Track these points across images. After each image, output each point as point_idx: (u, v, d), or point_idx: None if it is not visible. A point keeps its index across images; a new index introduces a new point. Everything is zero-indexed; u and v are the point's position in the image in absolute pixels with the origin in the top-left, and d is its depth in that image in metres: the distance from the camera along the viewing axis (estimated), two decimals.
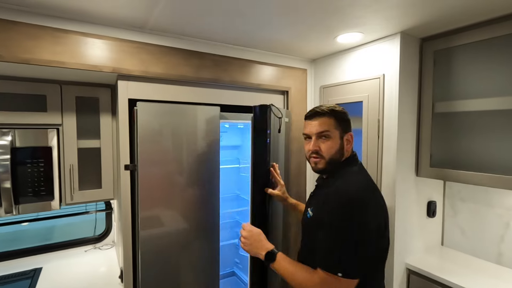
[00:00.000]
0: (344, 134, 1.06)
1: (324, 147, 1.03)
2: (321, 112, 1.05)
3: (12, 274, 1.59)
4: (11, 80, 1.37)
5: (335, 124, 1.04)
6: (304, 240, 1.12)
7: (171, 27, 1.40)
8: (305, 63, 1.98)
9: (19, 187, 1.39)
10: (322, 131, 1.04)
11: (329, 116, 1.05)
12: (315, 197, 1.11)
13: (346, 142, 1.06)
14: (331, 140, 1.04)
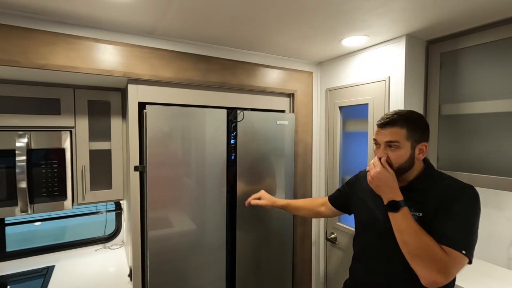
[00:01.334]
0: (417, 144, 1.04)
1: (392, 156, 1.04)
2: (391, 121, 1.04)
3: (26, 271, 1.65)
4: (27, 85, 1.43)
5: (406, 135, 1.02)
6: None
7: (180, 33, 1.43)
8: (311, 66, 1.99)
9: (34, 187, 1.44)
10: (389, 141, 1.03)
11: (401, 126, 1.02)
12: (410, 199, 1.05)
13: (419, 151, 1.05)
14: (400, 151, 1.03)
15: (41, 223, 1.92)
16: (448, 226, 0.94)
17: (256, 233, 1.73)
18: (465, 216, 0.95)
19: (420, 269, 0.92)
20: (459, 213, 0.95)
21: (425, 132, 1.06)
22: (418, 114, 1.07)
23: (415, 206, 1.04)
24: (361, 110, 1.75)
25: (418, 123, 1.05)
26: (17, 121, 1.41)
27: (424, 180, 1.06)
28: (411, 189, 1.08)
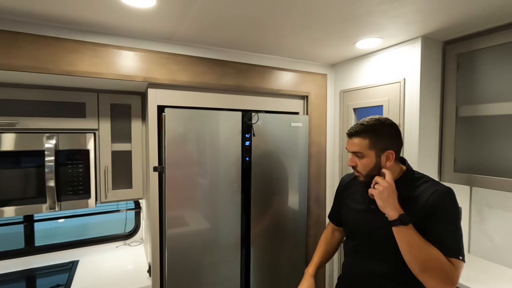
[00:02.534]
0: (382, 152, 1.07)
1: (359, 164, 1.10)
2: (354, 133, 1.09)
3: (53, 265, 1.75)
4: (56, 90, 1.53)
5: (368, 145, 1.06)
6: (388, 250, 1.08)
7: (196, 38, 1.49)
8: (325, 68, 2.00)
9: (61, 186, 1.53)
10: (354, 151, 1.09)
11: (363, 137, 1.07)
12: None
13: (386, 158, 1.08)
14: (365, 159, 1.08)
15: (64, 220, 2.02)
16: (446, 235, 0.97)
17: (270, 234, 1.76)
18: (456, 222, 1.00)
19: (431, 281, 0.94)
20: (452, 220, 0.99)
21: (391, 140, 1.08)
22: (385, 123, 1.09)
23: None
24: (376, 111, 1.74)
25: (384, 132, 1.07)
26: (46, 123, 1.50)
27: (403, 185, 1.08)
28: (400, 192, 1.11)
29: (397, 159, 1.12)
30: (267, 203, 1.73)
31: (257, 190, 1.69)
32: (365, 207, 1.16)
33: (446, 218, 0.99)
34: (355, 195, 1.24)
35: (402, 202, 1.04)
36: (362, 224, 1.16)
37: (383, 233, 1.07)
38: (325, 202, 2.03)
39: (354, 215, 1.21)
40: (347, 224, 1.26)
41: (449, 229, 0.98)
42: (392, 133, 1.09)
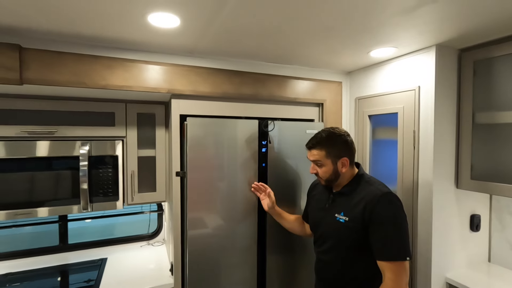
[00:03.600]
0: (337, 160, 1.24)
1: (320, 172, 1.28)
2: (312, 145, 1.27)
3: (85, 261, 1.90)
4: (89, 101, 1.68)
5: (325, 155, 1.24)
6: (337, 246, 1.25)
7: (216, 51, 1.59)
8: (340, 75, 2.05)
9: (93, 188, 1.67)
10: (313, 160, 1.28)
11: (320, 148, 1.25)
12: (340, 204, 1.27)
13: (341, 165, 1.25)
14: (324, 167, 1.26)
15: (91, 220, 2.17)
16: (387, 239, 1.10)
17: (286, 238, 1.81)
18: (398, 223, 1.10)
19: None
20: (392, 227, 1.10)
21: (343, 148, 1.25)
22: (337, 134, 1.26)
23: (344, 210, 1.23)
24: (391, 118, 1.77)
25: (336, 143, 1.25)
26: (81, 132, 1.65)
27: (351, 185, 1.26)
28: (341, 193, 1.28)
29: (352, 164, 1.28)
30: (283, 207, 1.79)
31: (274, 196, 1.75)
32: (322, 206, 1.34)
33: (383, 223, 1.10)
34: (317, 196, 1.43)
35: (342, 198, 1.25)
36: (319, 221, 1.34)
37: (334, 228, 1.24)
38: None
39: (314, 213, 1.40)
40: (310, 221, 1.43)
41: (392, 232, 1.09)
42: (344, 143, 1.25)
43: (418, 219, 1.60)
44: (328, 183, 1.29)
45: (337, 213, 1.25)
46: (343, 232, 1.21)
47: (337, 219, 1.24)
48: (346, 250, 1.22)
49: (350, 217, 1.20)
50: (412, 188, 1.63)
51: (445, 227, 1.59)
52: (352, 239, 1.19)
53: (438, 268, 1.55)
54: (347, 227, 1.19)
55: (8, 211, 1.53)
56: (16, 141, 1.52)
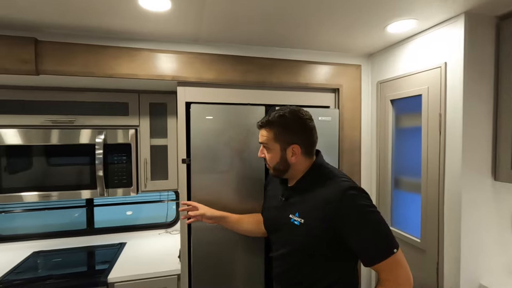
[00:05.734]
0: (287, 146, 1.04)
1: (267, 157, 1.09)
2: (261, 124, 1.08)
3: (106, 245, 2.02)
4: (104, 92, 1.77)
5: (274, 137, 1.05)
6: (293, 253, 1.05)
7: (220, 37, 1.57)
8: (359, 58, 1.89)
9: (108, 175, 1.76)
10: (262, 143, 1.09)
11: (270, 128, 1.06)
12: (295, 202, 1.06)
13: (291, 153, 1.05)
14: (272, 152, 1.07)
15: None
16: (367, 242, 0.93)
17: None
18: (372, 222, 0.93)
19: None
20: (367, 225, 0.93)
21: (297, 134, 1.04)
22: (295, 115, 1.05)
23: (299, 210, 1.03)
24: (415, 102, 1.57)
25: (290, 125, 1.03)
26: (97, 121, 1.75)
27: (306, 179, 1.05)
28: (296, 189, 1.08)
29: (306, 154, 1.06)
30: None
31: None
32: (276, 204, 1.15)
33: (356, 225, 0.93)
34: (271, 191, 1.24)
35: (297, 194, 1.05)
36: (272, 222, 1.16)
37: (288, 232, 1.05)
38: None
39: (267, 212, 1.22)
40: (264, 220, 1.25)
41: (372, 234, 0.92)
42: (301, 127, 1.04)
43: (445, 217, 1.40)
44: (277, 174, 1.10)
45: (291, 214, 1.05)
46: (299, 238, 1.01)
47: (292, 221, 1.03)
48: (304, 257, 1.02)
49: (306, 220, 1.00)
50: (438, 181, 1.43)
51: (479, 227, 1.36)
52: (310, 245, 0.99)
53: (468, 273, 1.34)
54: (303, 232, 1.00)
55: (35, 193, 1.68)
56: (41, 129, 1.66)
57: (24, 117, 1.65)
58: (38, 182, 1.68)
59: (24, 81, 1.55)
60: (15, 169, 1.65)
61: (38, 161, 1.67)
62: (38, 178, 1.68)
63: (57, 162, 1.70)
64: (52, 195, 1.69)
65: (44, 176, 1.69)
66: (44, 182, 1.69)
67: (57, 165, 1.70)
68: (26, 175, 1.66)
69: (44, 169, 1.68)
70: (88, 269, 1.70)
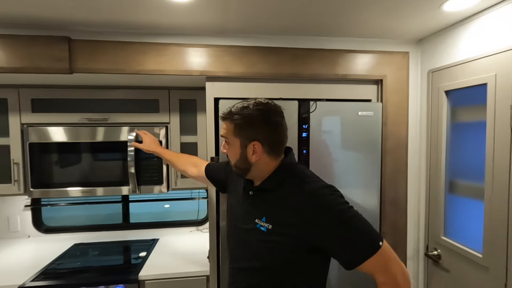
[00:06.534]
0: (248, 143, 0.92)
1: (228, 152, 0.98)
2: (223, 116, 0.96)
3: (140, 240, 2.06)
4: (136, 89, 1.77)
5: (234, 132, 0.93)
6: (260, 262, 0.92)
7: (248, 28, 1.47)
8: (407, 45, 1.66)
9: (140, 173, 1.77)
10: (223, 136, 0.97)
11: (230, 121, 0.94)
12: (262, 205, 0.95)
13: (252, 151, 0.92)
14: (232, 148, 0.95)
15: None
16: (348, 247, 0.85)
17: None
18: (350, 221, 0.85)
19: None
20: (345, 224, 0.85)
21: (259, 129, 0.91)
22: (258, 109, 0.91)
23: (266, 214, 0.92)
24: (477, 92, 1.33)
25: (253, 119, 0.91)
26: (129, 118, 1.76)
27: (273, 179, 0.94)
28: (262, 190, 0.96)
29: (271, 153, 0.94)
30: None
31: None
32: (240, 206, 1.02)
33: (334, 230, 0.85)
34: (233, 191, 1.12)
35: (263, 196, 0.95)
36: (233, 226, 1.04)
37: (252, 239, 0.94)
38: (406, 206, 1.68)
39: (230, 215, 1.10)
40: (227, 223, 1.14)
41: (354, 238, 0.84)
42: (262, 122, 0.91)
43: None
44: (239, 172, 0.97)
45: (257, 218, 0.93)
46: (265, 246, 0.90)
47: (257, 227, 0.92)
48: (273, 268, 0.90)
49: (274, 225, 0.89)
50: (508, 185, 1.19)
51: None
52: (280, 255, 0.88)
53: None
54: (270, 240, 0.89)
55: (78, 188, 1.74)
56: (80, 127, 1.71)
57: (62, 115, 1.72)
58: (80, 178, 1.74)
59: (62, 80, 1.60)
60: (63, 165, 1.72)
61: (77, 157, 1.73)
62: (80, 174, 1.74)
63: (94, 158, 1.74)
64: (90, 190, 1.74)
65: (84, 173, 1.74)
66: (84, 178, 1.74)
67: (95, 162, 1.75)
68: (70, 171, 1.73)
69: (83, 165, 1.74)
70: (121, 264, 1.73)
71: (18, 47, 1.36)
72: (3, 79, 1.56)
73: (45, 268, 1.63)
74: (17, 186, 1.69)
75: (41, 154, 1.69)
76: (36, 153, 1.68)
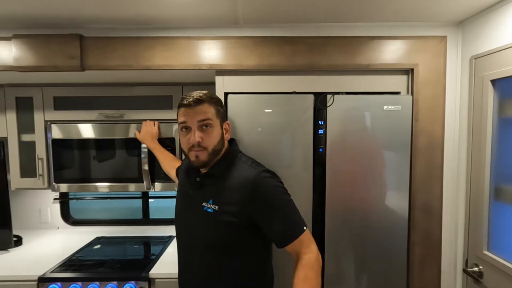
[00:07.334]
0: (223, 123, 1.06)
1: (206, 138, 0.99)
2: (200, 99, 0.98)
3: (157, 236, 2.06)
4: (150, 86, 1.76)
5: (216, 113, 1.02)
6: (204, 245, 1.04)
7: (261, 17, 1.37)
8: (444, 28, 1.44)
9: (155, 169, 1.76)
10: (204, 119, 0.98)
11: (210, 103, 1.00)
12: (209, 189, 1.04)
13: (225, 131, 1.07)
14: (215, 130, 1.00)
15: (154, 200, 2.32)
16: (282, 224, 0.97)
17: (350, 247, 1.43)
18: (285, 203, 0.99)
19: None
20: (281, 205, 0.98)
21: (225, 110, 1.10)
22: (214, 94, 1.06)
23: (213, 197, 1.01)
24: None
25: (220, 102, 1.06)
26: (143, 115, 1.76)
27: (222, 164, 1.04)
28: (210, 175, 1.04)
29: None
30: (347, 208, 1.41)
31: (333, 190, 1.40)
32: (186, 194, 1.12)
33: (274, 206, 0.97)
34: (180, 183, 1.21)
35: (211, 181, 1.03)
36: (181, 213, 1.13)
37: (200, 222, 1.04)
38: (441, 214, 1.47)
39: (177, 205, 1.17)
40: (175, 215, 1.18)
41: (283, 216, 0.97)
42: (223, 105, 1.09)
43: None
44: (210, 158, 1.01)
45: (204, 202, 1.02)
46: (211, 226, 1.01)
47: (205, 209, 1.01)
48: (220, 248, 1.01)
49: (221, 206, 0.99)
50: None
51: None
52: (226, 234, 1.00)
53: None
54: (217, 220, 0.99)
55: (94, 184, 1.78)
56: (96, 124, 1.75)
57: (81, 112, 1.76)
58: (98, 173, 1.78)
59: (81, 78, 1.63)
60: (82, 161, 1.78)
61: (96, 154, 1.77)
62: (98, 169, 1.78)
63: (111, 155, 1.78)
64: (108, 186, 1.78)
65: (102, 168, 1.78)
66: (102, 173, 1.78)
67: (112, 158, 1.78)
68: (89, 167, 1.78)
69: (101, 161, 1.78)
70: (135, 260, 1.73)
71: (37, 46, 1.40)
72: (28, 78, 1.64)
73: (65, 260, 1.69)
74: (42, 180, 1.77)
75: (63, 149, 1.75)
76: (58, 148, 1.75)
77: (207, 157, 1.00)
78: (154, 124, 1.70)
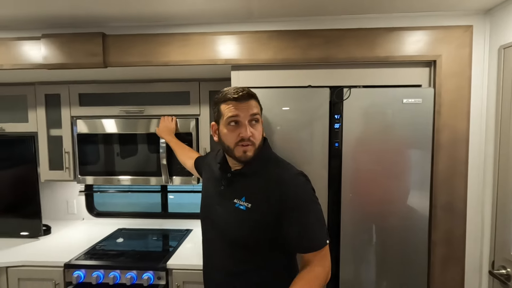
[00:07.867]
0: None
1: (256, 133, 0.98)
2: (250, 94, 0.98)
3: (175, 229, 2.11)
4: (168, 82, 1.80)
5: (260, 109, 1.03)
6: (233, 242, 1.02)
7: (276, 11, 1.36)
8: (470, 17, 1.37)
9: (173, 164, 1.80)
10: (255, 114, 0.97)
11: (255, 98, 1.01)
12: (241, 186, 1.02)
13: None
14: (260, 126, 1.01)
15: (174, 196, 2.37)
16: (309, 231, 0.94)
17: (367, 247, 1.39)
18: (315, 210, 0.97)
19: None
20: (311, 211, 0.96)
21: None
22: None
23: (246, 195, 0.99)
24: None
25: None
26: (162, 111, 1.81)
27: (256, 163, 1.00)
28: (242, 174, 1.02)
29: None
30: (364, 205, 1.37)
31: (349, 186, 1.37)
32: (216, 189, 1.09)
33: (305, 210, 0.96)
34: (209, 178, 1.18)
35: (242, 179, 1.02)
36: (210, 208, 1.09)
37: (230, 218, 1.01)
38: (465, 213, 1.40)
39: (204, 199, 1.15)
40: (201, 208, 1.17)
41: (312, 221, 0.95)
42: None
43: None
44: (255, 154, 0.98)
45: (236, 198, 1.00)
46: (243, 224, 0.99)
47: (236, 206, 0.99)
48: (244, 248, 1.00)
49: (254, 205, 0.97)
50: None
51: None
52: (253, 233, 0.98)
53: None
54: (249, 218, 0.97)
55: (116, 177, 1.86)
56: (118, 119, 1.82)
57: (104, 108, 1.84)
58: (120, 167, 1.86)
59: (104, 75, 1.71)
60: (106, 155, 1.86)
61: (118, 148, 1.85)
62: (120, 163, 1.86)
63: (133, 149, 1.84)
64: (128, 180, 1.85)
65: (123, 162, 1.85)
66: (123, 167, 1.86)
67: (133, 152, 1.84)
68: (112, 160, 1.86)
69: (123, 155, 1.86)
70: (154, 252, 1.79)
71: (62, 45, 1.48)
72: (56, 76, 1.73)
73: (89, 249, 1.77)
74: (68, 172, 1.87)
75: (87, 143, 1.84)
76: (83, 142, 1.84)
77: (254, 152, 0.97)
78: (172, 120, 1.74)
